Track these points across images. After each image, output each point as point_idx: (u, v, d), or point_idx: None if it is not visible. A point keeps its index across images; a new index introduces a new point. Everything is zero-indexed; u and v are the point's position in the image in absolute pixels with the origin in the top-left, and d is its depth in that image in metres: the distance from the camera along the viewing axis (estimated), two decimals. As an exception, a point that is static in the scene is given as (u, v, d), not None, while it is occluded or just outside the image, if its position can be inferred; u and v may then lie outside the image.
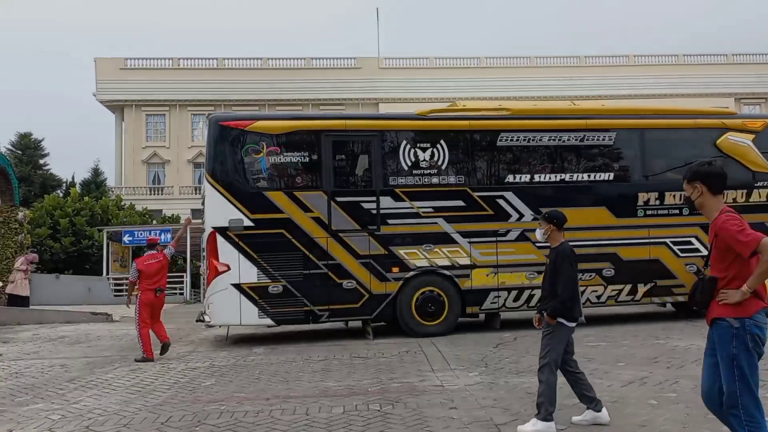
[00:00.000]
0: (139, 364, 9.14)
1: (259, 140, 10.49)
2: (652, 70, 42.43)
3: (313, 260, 10.35)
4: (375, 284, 10.52)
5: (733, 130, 11.69)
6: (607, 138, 11.42)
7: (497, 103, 12.15)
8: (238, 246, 10.20)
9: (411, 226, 10.70)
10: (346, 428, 5.40)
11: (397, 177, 10.81)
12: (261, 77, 42.82)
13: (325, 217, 10.45)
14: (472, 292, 10.79)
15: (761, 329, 3.64)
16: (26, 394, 7.39)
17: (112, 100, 42.82)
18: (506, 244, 10.80)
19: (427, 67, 43.27)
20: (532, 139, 11.23)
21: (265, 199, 10.37)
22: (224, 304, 10.18)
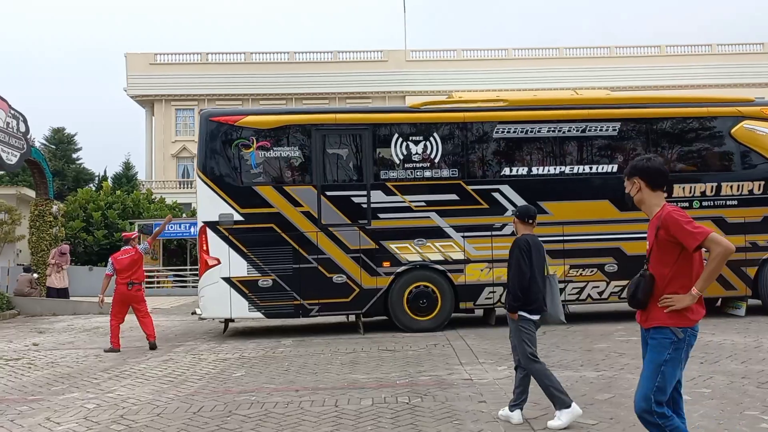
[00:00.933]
0: (170, 354, 9.28)
1: (249, 135, 10.57)
2: (684, 60, 41.62)
3: (303, 254, 10.39)
4: (366, 279, 10.51)
5: (749, 118, 11.21)
6: (610, 128, 11.08)
7: (495, 95, 11.89)
8: (228, 240, 10.32)
9: (402, 221, 10.62)
10: (375, 420, 5.42)
11: (388, 171, 10.74)
12: (288, 71, 42.97)
13: (314, 212, 10.48)
14: (466, 288, 10.66)
15: (695, 339, 3.53)
16: (62, 383, 7.55)
17: (142, 95, 43.38)
18: (502, 238, 10.48)
19: (455, 59, 43.00)
20: (530, 131, 10.99)
21: (254, 194, 10.46)
22: (215, 298, 10.33)
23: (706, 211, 10.83)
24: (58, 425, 5.70)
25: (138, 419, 5.77)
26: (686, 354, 3.51)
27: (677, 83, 39.89)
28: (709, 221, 10.72)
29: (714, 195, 11.04)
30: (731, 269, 10.86)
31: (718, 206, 11.00)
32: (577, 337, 9.51)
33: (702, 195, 10.99)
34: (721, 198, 11.02)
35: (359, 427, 5.27)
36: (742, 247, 10.81)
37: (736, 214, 10.98)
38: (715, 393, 5.91)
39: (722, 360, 7.41)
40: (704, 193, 11.00)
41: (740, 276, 10.95)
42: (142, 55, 42.36)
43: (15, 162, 16.61)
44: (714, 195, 11.04)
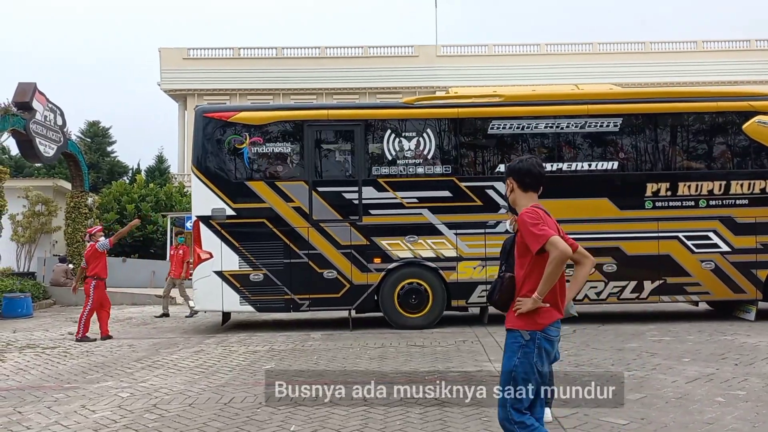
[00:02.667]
0: (201, 346, 9.41)
1: (242, 131, 10.69)
2: (722, 56, 40.73)
3: (294, 250, 10.46)
4: (356, 275, 10.52)
5: (763, 113, 10.74)
6: (611, 124, 10.78)
7: (492, 90, 11.66)
8: (220, 234, 10.47)
9: (394, 217, 10.58)
10: (403, 415, 5.44)
11: (380, 167, 10.72)
12: (318, 66, 43.09)
13: (306, 207, 10.54)
14: (458, 285, 10.57)
15: (551, 343, 3.43)
16: (96, 372, 7.72)
17: (175, 90, 43.87)
18: (495, 236, 10.35)
19: (486, 55, 42.66)
20: (526, 127, 10.82)
21: (247, 189, 10.57)
22: (207, 291, 10.49)
23: (714, 211, 10.51)
24: (93, 413, 5.83)
25: (170, 409, 5.87)
26: (541, 358, 3.40)
27: (715, 79, 39.07)
28: (717, 221, 10.47)
29: (722, 194, 10.59)
30: (740, 272, 10.48)
31: (727, 205, 10.58)
32: (608, 336, 9.40)
33: (709, 193, 10.58)
34: (730, 197, 10.59)
35: (388, 421, 5.29)
36: (752, 248, 10.48)
37: (746, 214, 10.56)
38: (750, 395, 5.80)
39: (758, 362, 7.26)
40: (711, 191, 10.58)
41: (750, 279, 10.53)
42: (176, 50, 42.87)
43: (52, 155, 16.98)
44: (722, 194, 10.59)
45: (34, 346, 9.80)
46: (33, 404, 6.21)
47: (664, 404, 5.57)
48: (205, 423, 5.38)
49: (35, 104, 15.98)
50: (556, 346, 3.51)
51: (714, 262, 10.51)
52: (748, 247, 10.53)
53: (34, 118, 15.92)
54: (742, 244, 10.52)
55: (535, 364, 3.39)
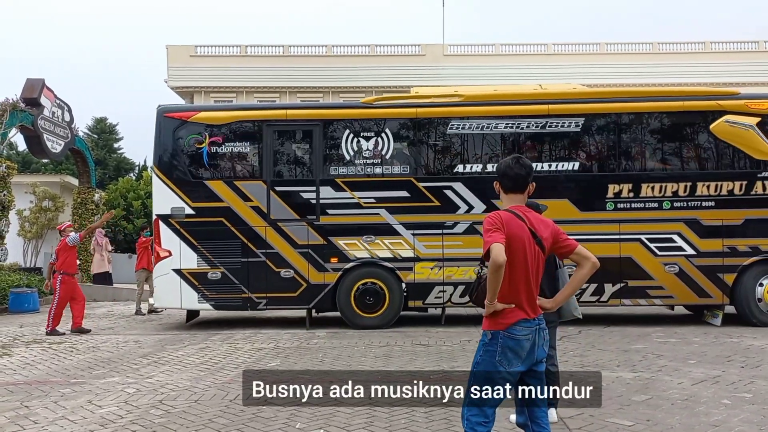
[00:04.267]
0: (207, 342, 9.44)
1: (202, 131, 10.73)
2: (731, 57, 40.57)
3: (252, 249, 10.50)
4: (313, 274, 10.53)
5: (732, 113, 10.38)
6: (573, 124, 10.60)
7: (453, 89, 11.55)
8: (179, 233, 10.55)
9: (351, 217, 10.56)
10: (408, 414, 5.45)
11: (338, 167, 10.70)
12: (325, 64, 43.10)
13: (264, 207, 10.56)
14: (415, 286, 10.54)
15: (517, 341, 3.36)
16: (103, 367, 7.75)
17: (182, 87, 43.94)
18: (453, 237, 10.37)
19: (493, 54, 42.60)
20: (486, 127, 10.69)
21: (205, 188, 10.62)
22: (166, 288, 10.59)
23: (678, 213, 10.30)
24: (100, 408, 5.86)
25: (176, 405, 5.90)
26: (506, 357, 3.37)
27: (723, 80, 38.93)
28: (682, 223, 10.29)
29: (687, 195, 10.35)
30: (706, 275, 10.27)
31: (692, 207, 10.33)
32: (614, 337, 9.39)
33: (674, 195, 10.34)
34: (696, 199, 10.34)
35: (393, 420, 5.30)
36: (719, 252, 10.27)
37: (712, 216, 10.29)
38: (757, 398, 5.79)
39: (764, 364, 7.24)
40: (676, 193, 10.34)
41: (716, 283, 10.28)
42: (183, 48, 42.95)
43: (59, 150, 17.05)
44: (687, 195, 10.35)
45: (41, 341, 9.85)
46: (40, 399, 6.24)
47: (670, 406, 5.56)
48: (211, 419, 5.41)
49: (43, 100, 16.05)
50: (529, 345, 3.39)
51: (678, 265, 10.31)
52: (714, 251, 10.29)
53: (42, 114, 15.98)
54: (708, 248, 10.28)
55: (499, 363, 3.37)
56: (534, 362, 3.43)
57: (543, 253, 3.48)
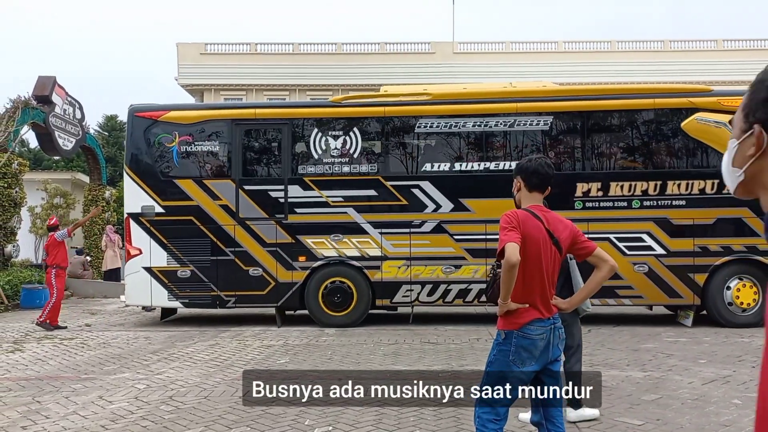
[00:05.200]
0: (217, 339, 9.49)
1: (172, 130, 10.77)
2: (744, 56, 40.26)
3: (221, 247, 10.53)
4: (281, 272, 10.54)
5: (703, 110, 10.14)
6: (541, 123, 10.49)
7: (422, 88, 11.47)
8: (149, 231, 10.61)
9: (319, 216, 10.54)
10: (417, 412, 5.46)
11: (306, 165, 10.69)
12: (335, 62, 43.13)
13: (232, 205, 10.58)
14: (383, 285, 10.49)
15: (532, 341, 3.34)
16: (113, 363, 7.81)
17: (192, 85, 44.12)
18: (421, 235, 10.34)
19: (503, 52, 42.48)
20: (454, 125, 10.62)
21: (175, 187, 10.67)
22: (137, 286, 10.69)
23: (648, 212, 10.10)
24: (110, 403, 5.90)
25: (186, 401, 5.93)
26: (519, 357, 3.35)
27: (736, 78, 38.65)
28: (651, 222, 10.12)
29: (658, 194, 10.15)
30: (676, 275, 10.08)
31: (663, 206, 10.14)
32: (623, 336, 9.35)
33: (643, 194, 10.15)
34: (667, 197, 10.15)
35: (402, 417, 5.31)
36: (689, 251, 10.08)
37: (683, 216, 10.08)
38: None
39: (776, 365, 7.18)
40: (646, 191, 10.15)
41: (687, 283, 10.09)
42: (193, 45, 43.10)
43: (71, 148, 17.15)
44: (658, 194, 10.15)
45: (52, 337, 9.93)
46: (51, 394, 6.30)
47: (680, 405, 5.54)
48: (220, 416, 5.43)
49: (54, 98, 16.14)
50: (543, 344, 3.37)
51: (647, 264, 10.13)
52: (684, 250, 10.11)
53: (54, 111, 16.07)
54: (678, 247, 10.11)
55: (512, 362, 3.36)
56: (548, 361, 3.42)
57: (560, 254, 3.46)
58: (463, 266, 10.34)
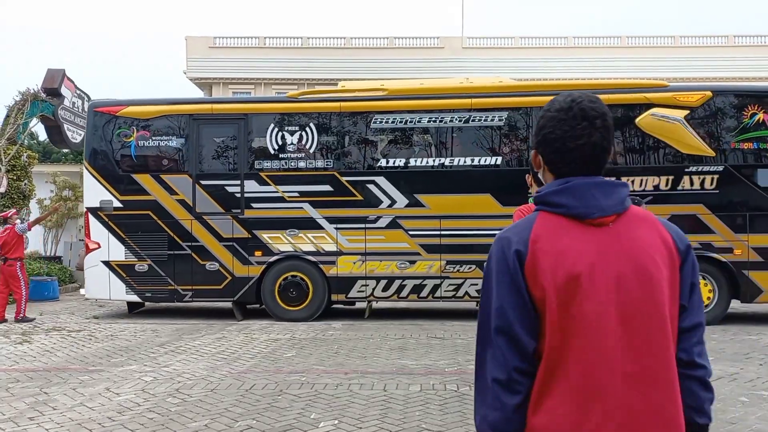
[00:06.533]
0: (224, 332, 9.52)
1: (130, 125, 10.88)
2: (755, 51, 39.93)
3: (177, 241, 10.64)
4: (238, 267, 10.61)
5: (659, 106, 10.11)
6: (496, 119, 10.48)
7: (380, 83, 11.43)
8: (108, 226, 10.74)
9: (275, 211, 10.59)
10: (423, 406, 5.46)
11: (263, 161, 10.72)
12: (344, 56, 43.08)
13: (189, 200, 10.66)
14: (338, 280, 10.53)
15: None
16: (121, 355, 7.85)
17: (201, 78, 44.16)
18: (376, 231, 10.40)
19: (513, 47, 42.30)
20: (409, 121, 10.61)
21: (133, 182, 10.78)
22: (96, 280, 10.82)
23: None
24: (118, 395, 5.93)
25: (192, 393, 5.96)
26: None
27: (746, 75, 38.37)
28: None
29: None
30: None
31: None
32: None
33: None
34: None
35: (407, 412, 5.31)
36: None
37: None
38: (776, 396, 5.72)
39: (784, 363, 7.15)
40: None
41: None
42: (202, 39, 43.13)
43: (79, 140, 17.20)
44: None
45: (60, 329, 9.99)
46: (59, 385, 6.34)
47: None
48: (227, 408, 5.45)
49: (63, 90, 16.19)
50: None
51: None
52: None
53: (63, 104, 16.13)
54: None
55: None
56: None
57: None
58: (418, 262, 10.39)
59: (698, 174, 10.04)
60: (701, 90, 10.41)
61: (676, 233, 1.60)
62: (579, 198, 1.57)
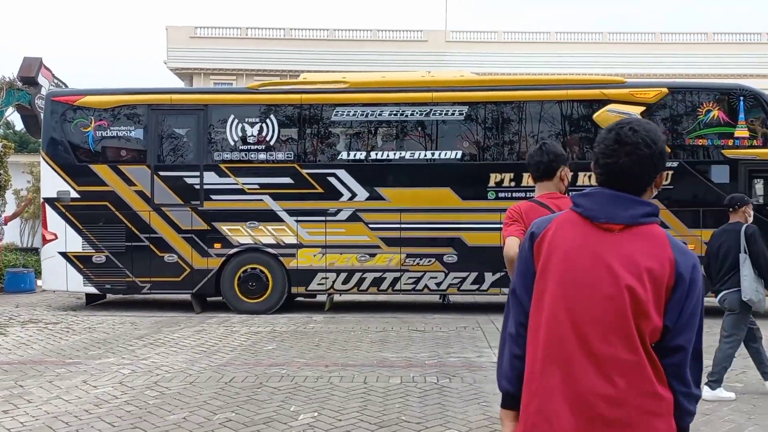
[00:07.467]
0: (203, 325, 9.46)
1: (88, 115, 10.78)
2: (733, 49, 40.41)
3: (135, 233, 10.58)
4: (197, 259, 10.58)
5: (616, 102, 10.22)
6: (456, 113, 10.54)
7: (341, 76, 11.47)
8: (65, 216, 10.65)
9: (235, 203, 10.57)
10: (403, 399, 5.47)
11: (222, 152, 10.70)
12: (327, 48, 42.86)
13: (147, 191, 10.60)
14: (298, 272, 10.54)
15: None
16: (98, 348, 7.77)
17: (181, 68, 43.71)
18: (336, 224, 10.42)
19: (496, 41, 42.40)
20: (370, 114, 10.63)
21: (90, 172, 10.68)
22: (52, 271, 10.76)
23: None
24: (95, 388, 5.88)
25: (171, 386, 5.92)
26: None
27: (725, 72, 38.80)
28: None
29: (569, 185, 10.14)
30: None
31: None
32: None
33: None
34: (578, 189, 9.88)
35: (387, 404, 5.32)
36: None
37: None
38: (748, 387, 5.84)
39: (758, 356, 7.26)
40: None
41: None
42: (183, 29, 42.67)
43: (58, 131, 16.96)
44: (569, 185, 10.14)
45: (37, 321, 9.87)
46: (35, 378, 6.26)
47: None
48: (206, 401, 5.43)
49: (41, 79, 15.91)
50: None
51: None
52: None
53: (40, 93, 15.84)
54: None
55: None
56: None
57: None
58: (378, 255, 10.42)
59: None
60: (658, 87, 10.61)
61: (684, 260, 1.78)
62: (593, 203, 1.85)
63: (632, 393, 1.71)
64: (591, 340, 1.73)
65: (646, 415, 1.71)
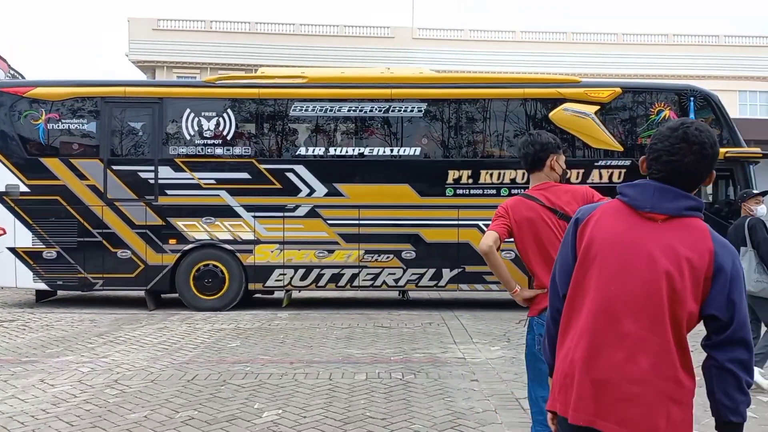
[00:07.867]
0: (165, 322, 9.31)
1: (39, 107, 10.58)
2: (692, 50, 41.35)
3: (88, 228, 10.43)
4: (151, 255, 10.48)
5: (571, 101, 10.37)
6: (416, 109, 10.58)
7: (300, 71, 11.53)
8: (14, 211, 10.44)
9: (191, 198, 10.49)
10: (368, 395, 5.46)
11: (178, 146, 10.60)
12: (293, 42, 42.53)
13: (100, 186, 10.47)
14: (255, 269, 10.53)
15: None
16: (57, 346, 7.58)
17: (144, 61, 42.93)
18: (294, 220, 10.39)
19: (462, 39, 42.64)
20: (329, 110, 10.69)
21: (41, 166, 10.49)
22: (1, 267, 10.48)
23: None
24: (53, 387, 5.72)
25: (132, 384, 5.80)
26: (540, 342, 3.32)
27: (684, 73, 39.69)
28: None
29: (525, 182, 10.25)
30: None
31: None
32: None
33: (512, 182, 10.34)
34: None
35: (352, 400, 5.30)
36: None
37: None
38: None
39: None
40: (514, 180, 10.33)
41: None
42: (145, 20, 41.91)
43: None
44: (525, 182, 10.25)
45: (-8, 319, 9.58)
46: (-11, 377, 6.07)
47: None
48: (168, 399, 5.33)
49: (-4, 70, 15.47)
50: None
51: (514, 251, 10.24)
52: None
53: (-4, 84, 15.42)
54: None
55: (538, 351, 3.23)
56: None
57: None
58: (336, 251, 10.40)
59: (607, 168, 10.38)
60: (612, 86, 10.78)
61: (724, 253, 1.85)
62: (640, 193, 1.94)
63: (654, 374, 1.80)
64: (622, 319, 1.83)
65: (665, 398, 1.80)
